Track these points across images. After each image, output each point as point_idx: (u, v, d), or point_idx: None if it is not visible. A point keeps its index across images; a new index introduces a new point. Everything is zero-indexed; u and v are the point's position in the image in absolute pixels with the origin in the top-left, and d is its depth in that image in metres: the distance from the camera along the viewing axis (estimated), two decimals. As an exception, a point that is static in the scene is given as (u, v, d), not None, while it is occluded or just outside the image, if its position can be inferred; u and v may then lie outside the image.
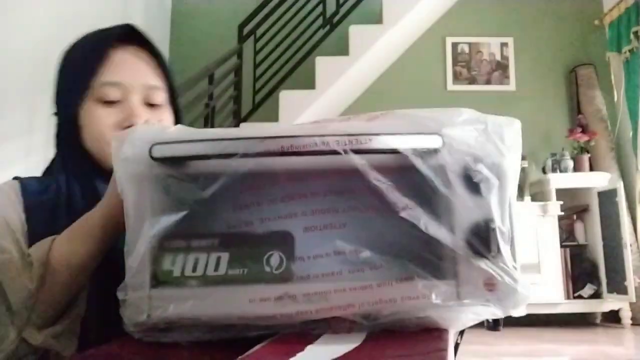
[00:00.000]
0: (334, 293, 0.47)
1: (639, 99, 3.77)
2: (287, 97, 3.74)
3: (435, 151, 0.48)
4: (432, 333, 0.48)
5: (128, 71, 0.74)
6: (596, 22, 4.26)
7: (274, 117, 3.77)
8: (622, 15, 3.97)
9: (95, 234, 0.60)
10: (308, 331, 0.48)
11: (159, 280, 0.48)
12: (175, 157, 0.49)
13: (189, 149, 0.49)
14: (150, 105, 0.75)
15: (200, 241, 0.49)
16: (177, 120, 0.80)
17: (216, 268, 0.48)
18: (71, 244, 0.60)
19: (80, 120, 0.73)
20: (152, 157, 0.49)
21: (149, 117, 0.74)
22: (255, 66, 4.04)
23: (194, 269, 0.48)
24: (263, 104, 3.99)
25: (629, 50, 3.87)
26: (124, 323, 0.49)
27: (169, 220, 0.49)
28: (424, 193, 0.48)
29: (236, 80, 4.00)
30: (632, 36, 3.83)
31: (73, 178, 0.73)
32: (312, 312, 0.47)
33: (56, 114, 0.77)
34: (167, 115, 0.78)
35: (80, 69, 0.73)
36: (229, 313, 0.48)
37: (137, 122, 0.71)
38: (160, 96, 0.76)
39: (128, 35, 0.76)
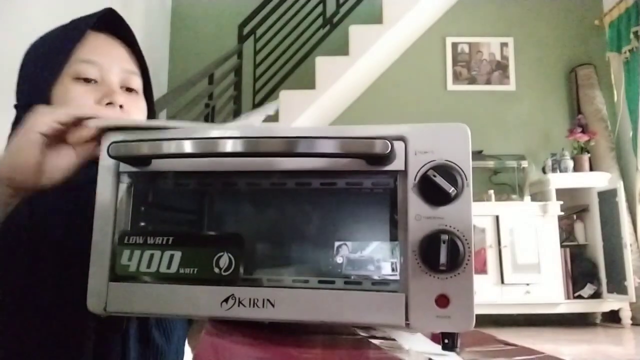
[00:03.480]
0: (279, 300, 0.46)
1: (639, 99, 3.77)
2: (287, 97, 3.73)
3: (387, 157, 0.46)
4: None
5: (106, 53, 0.72)
6: (596, 22, 4.25)
7: (274, 117, 3.77)
8: (622, 15, 3.96)
9: None
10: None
11: (116, 274, 0.49)
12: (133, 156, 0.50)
13: (149, 148, 0.49)
14: (128, 90, 0.73)
15: (156, 239, 0.50)
16: (150, 110, 0.79)
17: (168, 266, 0.49)
18: None
19: (53, 100, 0.68)
20: (109, 155, 0.50)
21: (126, 100, 0.71)
22: (255, 66, 4.04)
23: (149, 266, 0.49)
24: (263, 104, 3.99)
25: (629, 50, 3.86)
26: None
27: (129, 216, 0.50)
28: (378, 202, 0.48)
29: (236, 80, 4.00)
30: (632, 36, 3.83)
31: None
32: (257, 316, 0.46)
33: (17, 105, 0.72)
34: (142, 104, 0.76)
35: (58, 46, 0.70)
36: (176, 313, 0.49)
37: (117, 99, 0.69)
38: (137, 82, 0.75)
39: (107, 21, 0.74)
